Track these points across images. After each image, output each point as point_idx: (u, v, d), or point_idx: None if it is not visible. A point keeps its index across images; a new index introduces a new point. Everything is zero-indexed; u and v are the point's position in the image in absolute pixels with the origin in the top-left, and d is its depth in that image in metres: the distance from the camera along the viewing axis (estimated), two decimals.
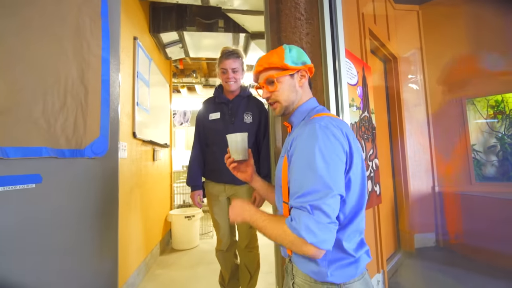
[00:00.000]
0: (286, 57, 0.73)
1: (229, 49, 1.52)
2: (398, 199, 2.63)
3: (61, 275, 0.88)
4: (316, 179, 0.59)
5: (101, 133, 1.03)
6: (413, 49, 2.86)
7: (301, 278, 0.71)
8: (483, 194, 2.37)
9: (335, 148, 0.62)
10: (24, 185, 0.79)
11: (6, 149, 0.75)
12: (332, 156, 0.61)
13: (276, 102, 0.76)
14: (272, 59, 0.74)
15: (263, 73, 0.76)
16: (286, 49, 0.75)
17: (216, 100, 1.59)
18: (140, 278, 2.12)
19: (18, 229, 0.78)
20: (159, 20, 2.61)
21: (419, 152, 2.81)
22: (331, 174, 0.60)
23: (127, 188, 1.91)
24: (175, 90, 4.85)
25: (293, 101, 0.76)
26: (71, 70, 0.94)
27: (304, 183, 0.60)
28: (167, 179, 3.35)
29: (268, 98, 0.77)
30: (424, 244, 2.69)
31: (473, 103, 2.63)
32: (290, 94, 0.75)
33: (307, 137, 0.63)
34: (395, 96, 2.65)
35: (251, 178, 0.95)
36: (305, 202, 0.59)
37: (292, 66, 0.73)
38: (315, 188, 0.59)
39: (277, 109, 0.77)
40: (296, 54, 0.75)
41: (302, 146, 0.63)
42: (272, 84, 0.75)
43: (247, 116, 1.54)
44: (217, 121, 1.54)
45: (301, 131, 0.66)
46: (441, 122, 2.81)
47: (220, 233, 1.60)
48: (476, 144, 2.59)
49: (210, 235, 3.34)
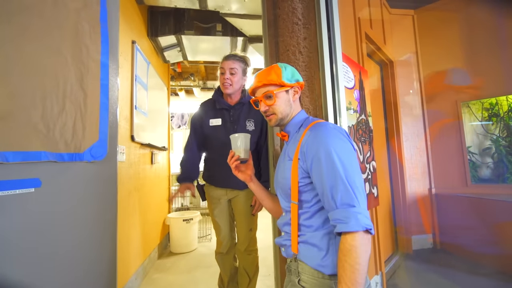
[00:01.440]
0: (283, 75, 0.83)
1: (236, 54, 1.49)
2: (396, 201, 2.65)
3: (59, 279, 0.88)
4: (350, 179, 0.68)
5: (100, 137, 1.03)
6: (408, 53, 2.90)
7: (307, 275, 0.73)
8: (479, 196, 2.39)
9: (350, 149, 0.73)
10: (24, 190, 0.79)
11: (6, 154, 0.75)
12: (350, 156, 0.71)
13: (273, 114, 0.86)
14: (271, 76, 0.83)
15: (261, 88, 0.86)
16: (283, 68, 0.85)
17: (216, 106, 1.54)
18: (138, 283, 2.11)
19: (17, 233, 0.78)
20: (157, 24, 2.62)
21: (415, 155, 2.83)
22: (355, 171, 0.70)
23: (125, 192, 1.91)
24: (173, 93, 4.86)
25: (287, 114, 0.86)
26: (70, 74, 0.95)
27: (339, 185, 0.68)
28: (165, 182, 3.34)
29: (266, 111, 0.86)
30: (421, 245, 2.71)
31: (468, 105, 2.67)
32: (285, 108, 0.85)
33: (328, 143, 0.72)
34: (391, 99, 2.68)
35: (250, 179, 1.00)
36: (346, 199, 0.66)
37: (287, 83, 0.84)
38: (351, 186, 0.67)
39: (273, 120, 0.86)
40: (290, 73, 0.86)
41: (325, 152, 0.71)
42: (270, 98, 0.84)
43: (249, 123, 1.51)
44: (218, 128, 1.50)
45: (313, 134, 0.75)
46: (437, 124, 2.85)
47: (221, 235, 1.60)
48: (471, 146, 2.62)
49: (209, 238, 3.33)
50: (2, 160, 0.74)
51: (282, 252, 0.84)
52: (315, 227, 0.75)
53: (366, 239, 0.65)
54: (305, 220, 0.76)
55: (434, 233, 2.75)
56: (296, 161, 0.76)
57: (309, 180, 0.75)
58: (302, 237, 0.76)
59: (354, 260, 0.63)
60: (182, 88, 4.63)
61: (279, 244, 0.85)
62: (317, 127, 0.76)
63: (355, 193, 0.66)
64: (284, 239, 0.82)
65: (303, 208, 0.77)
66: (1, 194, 0.74)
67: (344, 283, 0.63)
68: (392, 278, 2.10)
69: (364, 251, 0.64)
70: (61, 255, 0.89)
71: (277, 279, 1.33)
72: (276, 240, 0.87)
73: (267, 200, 1.00)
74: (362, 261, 0.63)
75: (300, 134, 0.80)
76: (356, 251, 0.63)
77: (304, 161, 0.75)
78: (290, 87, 0.85)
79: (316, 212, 0.75)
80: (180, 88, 4.64)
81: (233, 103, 1.52)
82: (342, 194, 0.66)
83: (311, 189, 0.75)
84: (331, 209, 0.69)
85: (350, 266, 0.63)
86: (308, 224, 0.76)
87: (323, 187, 0.70)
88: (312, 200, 0.75)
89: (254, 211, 1.55)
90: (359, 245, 0.63)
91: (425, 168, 2.83)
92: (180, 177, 1.59)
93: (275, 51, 1.41)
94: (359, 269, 0.63)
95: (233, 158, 0.97)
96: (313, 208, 0.75)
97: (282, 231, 0.85)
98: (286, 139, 0.89)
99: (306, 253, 0.74)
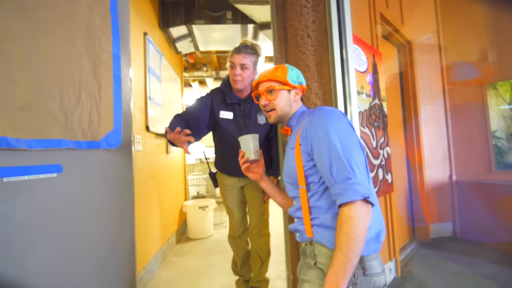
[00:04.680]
0: (288, 74, 0.86)
1: (246, 43, 1.42)
2: (413, 189, 2.57)
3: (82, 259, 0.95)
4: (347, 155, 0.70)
5: (114, 126, 1.08)
6: (429, 33, 2.73)
7: (324, 257, 0.75)
8: (504, 183, 2.27)
9: (347, 126, 0.76)
10: (47, 175, 0.86)
11: (29, 141, 0.81)
12: (346, 132, 0.74)
13: (273, 110, 0.88)
14: (277, 73, 0.86)
15: (265, 83, 0.88)
16: (289, 68, 0.88)
17: (227, 100, 1.47)
18: (157, 265, 2.24)
19: (41, 215, 0.85)
20: (168, 15, 2.65)
21: (435, 141, 2.72)
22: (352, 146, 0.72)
23: (142, 180, 2.00)
24: (187, 84, 4.92)
25: (287, 112, 0.89)
26: (85, 66, 0.99)
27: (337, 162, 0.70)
28: (181, 171, 3.45)
29: (266, 105, 0.89)
30: (440, 234, 2.63)
31: (495, 87, 2.49)
32: (285, 105, 0.88)
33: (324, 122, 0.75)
34: (409, 82, 2.56)
35: (261, 178, 1.04)
36: (344, 173, 0.69)
37: (291, 83, 0.87)
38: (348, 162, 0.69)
39: (272, 116, 0.89)
40: (296, 74, 0.88)
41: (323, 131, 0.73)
42: (272, 93, 0.87)
43: (261, 116, 1.48)
44: (229, 122, 1.47)
45: (309, 119, 0.78)
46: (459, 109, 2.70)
47: (233, 220, 1.65)
48: (497, 131, 2.47)
49: (224, 225, 3.43)
50: (27, 147, 0.80)
51: (297, 237, 0.86)
52: (325, 208, 0.76)
53: (364, 209, 0.66)
54: (315, 201, 0.78)
55: (454, 221, 2.66)
56: (298, 146, 0.80)
57: (313, 163, 0.77)
58: (315, 220, 0.78)
59: (349, 229, 0.64)
60: (195, 79, 4.68)
61: (294, 230, 0.87)
62: (312, 112, 0.81)
63: (351, 166, 0.68)
64: (298, 224, 0.84)
65: (311, 190, 0.79)
66: (27, 178, 0.81)
67: (339, 249, 0.65)
68: (407, 265, 2.07)
69: (362, 222, 0.65)
70: (83, 236, 0.96)
71: (288, 263, 1.36)
72: (290, 226, 0.89)
73: (278, 196, 1.04)
74: (358, 231, 0.64)
75: (300, 124, 0.84)
76: (353, 222, 0.65)
77: (306, 145, 0.78)
78: (293, 87, 0.88)
79: (324, 191, 0.77)
80: (194, 79, 4.70)
81: (244, 97, 1.47)
82: (338, 169, 0.69)
83: (317, 171, 0.77)
84: (331, 185, 0.71)
85: (346, 234, 0.65)
86: (319, 205, 0.77)
87: (323, 165, 0.72)
88: (319, 180, 0.78)
89: (265, 198, 1.59)
90: (356, 216, 0.65)
91: (446, 154, 2.71)
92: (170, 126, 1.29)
93: (283, 36, 1.39)
94: (354, 238, 0.64)
95: (243, 159, 1.00)
96: (321, 188, 0.77)
97: (295, 217, 0.88)
98: (290, 133, 0.92)
99: (321, 235, 0.76)
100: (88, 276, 0.97)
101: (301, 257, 0.88)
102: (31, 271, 0.81)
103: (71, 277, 0.92)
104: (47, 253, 0.85)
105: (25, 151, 0.81)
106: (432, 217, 2.59)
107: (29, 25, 0.85)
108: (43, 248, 0.84)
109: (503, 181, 2.31)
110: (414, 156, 2.56)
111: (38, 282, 0.82)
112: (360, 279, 0.69)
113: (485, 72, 2.52)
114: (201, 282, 2.01)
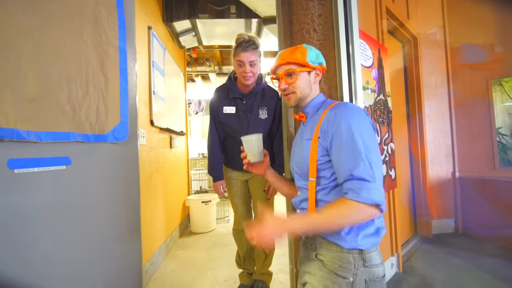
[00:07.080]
0: (308, 55, 0.82)
1: (245, 37, 1.41)
2: (416, 184, 2.58)
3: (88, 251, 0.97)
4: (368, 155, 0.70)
5: (121, 120, 1.09)
6: (434, 28, 2.70)
7: (325, 249, 0.76)
8: (507, 180, 2.27)
9: (370, 128, 0.75)
10: (56, 167, 0.87)
11: (39, 134, 0.82)
12: (370, 134, 0.73)
13: (293, 93, 0.85)
14: (296, 55, 0.82)
15: (284, 66, 0.84)
16: (308, 48, 0.83)
17: (230, 95, 1.52)
18: (161, 257, 2.27)
19: (50, 206, 0.86)
20: (172, 9, 2.63)
21: (439, 137, 2.71)
22: (373, 148, 0.71)
23: (147, 173, 2.02)
24: (190, 79, 4.91)
25: (307, 95, 0.85)
26: (92, 59, 0.99)
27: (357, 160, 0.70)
28: (184, 166, 3.46)
29: (285, 89, 0.85)
30: (442, 230, 2.64)
31: (500, 83, 2.47)
32: (305, 88, 0.84)
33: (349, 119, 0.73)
34: (414, 78, 2.54)
35: (265, 173, 1.02)
36: (363, 174, 0.68)
37: (311, 64, 0.82)
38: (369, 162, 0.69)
39: (292, 99, 0.86)
40: (315, 54, 0.84)
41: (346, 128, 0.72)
42: (291, 76, 0.83)
43: (262, 111, 1.50)
44: (231, 117, 1.50)
45: (333, 113, 0.76)
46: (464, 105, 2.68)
47: (238, 214, 1.67)
48: (502, 127, 2.46)
49: (227, 220, 3.45)
50: (37, 139, 0.81)
51: None
52: None
53: (368, 214, 0.67)
54: (323, 195, 0.78)
55: (456, 217, 2.67)
56: (316, 139, 0.77)
57: (328, 158, 0.76)
58: None
59: (343, 214, 0.67)
60: (198, 74, 4.66)
61: None
62: (338, 106, 0.78)
63: (373, 169, 0.67)
64: None
65: (321, 184, 0.79)
66: (37, 170, 0.82)
67: (321, 213, 0.70)
68: (409, 260, 2.09)
69: (358, 219, 0.68)
70: (90, 227, 0.98)
71: (291, 257, 1.38)
72: None
73: (284, 188, 1.03)
74: (348, 222, 0.68)
75: (319, 115, 0.81)
76: (351, 214, 0.66)
77: (325, 139, 0.76)
78: (313, 68, 0.84)
79: (333, 187, 0.77)
80: (197, 74, 4.68)
81: (247, 92, 1.50)
82: (360, 169, 0.67)
83: (330, 167, 0.77)
84: (346, 180, 0.70)
85: (338, 214, 0.67)
86: (327, 199, 0.77)
87: (340, 161, 0.71)
88: (331, 176, 0.77)
89: (269, 196, 1.58)
90: (357, 213, 0.66)
91: (449, 150, 2.71)
92: (212, 174, 1.62)
93: (289, 30, 1.38)
94: (340, 223, 0.68)
95: (245, 160, 0.98)
96: (332, 183, 0.77)
97: (299, 208, 0.87)
98: (304, 120, 0.89)
99: None
100: (95, 266, 0.99)
101: (302, 249, 0.88)
102: (40, 259, 0.83)
103: (78, 267, 0.94)
104: (55, 243, 0.87)
105: (35, 143, 0.82)
106: (436, 213, 2.60)
107: (36, 18, 0.85)
108: (52, 238, 0.86)
109: (507, 178, 2.31)
110: (417, 152, 2.56)
111: (46, 269, 0.84)
112: (361, 269, 0.71)
113: (491, 68, 2.49)
114: (205, 274, 2.04)
